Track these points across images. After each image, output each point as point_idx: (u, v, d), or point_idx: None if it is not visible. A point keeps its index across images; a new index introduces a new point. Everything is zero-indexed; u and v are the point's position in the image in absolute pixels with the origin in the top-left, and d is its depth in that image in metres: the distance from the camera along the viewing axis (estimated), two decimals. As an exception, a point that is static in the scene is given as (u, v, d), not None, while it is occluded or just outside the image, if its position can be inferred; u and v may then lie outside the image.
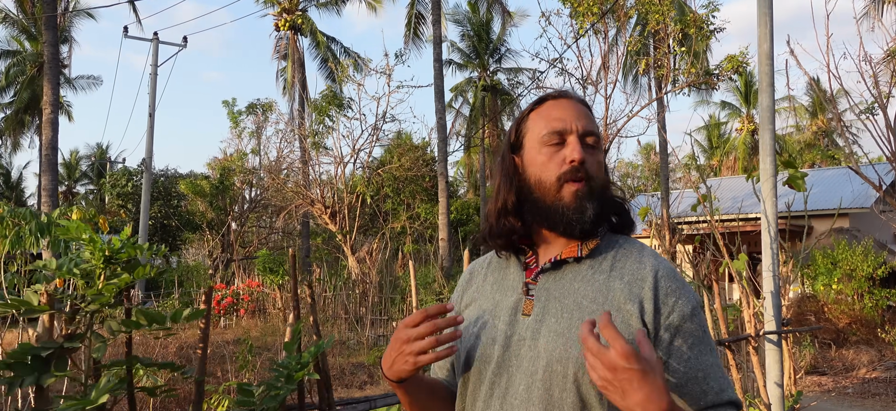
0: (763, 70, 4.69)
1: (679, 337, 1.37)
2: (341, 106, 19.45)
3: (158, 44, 25.23)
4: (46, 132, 14.12)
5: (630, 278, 1.41)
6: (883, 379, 9.85)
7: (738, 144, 44.04)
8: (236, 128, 30.58)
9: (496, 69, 33.30)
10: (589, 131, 1.45)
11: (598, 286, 1.41)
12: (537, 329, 1.41)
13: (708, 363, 1.38)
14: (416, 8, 22.59)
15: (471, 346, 1.51)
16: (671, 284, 1.41)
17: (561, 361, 1.35)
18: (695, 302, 1.42)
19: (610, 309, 1.37)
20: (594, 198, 1.42)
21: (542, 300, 1.44)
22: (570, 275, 1.44)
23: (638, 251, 1.47)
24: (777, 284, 4.44)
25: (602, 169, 1.47)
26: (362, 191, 20.27)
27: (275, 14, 28.81)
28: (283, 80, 29.78)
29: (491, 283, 1.57)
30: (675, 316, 1.37)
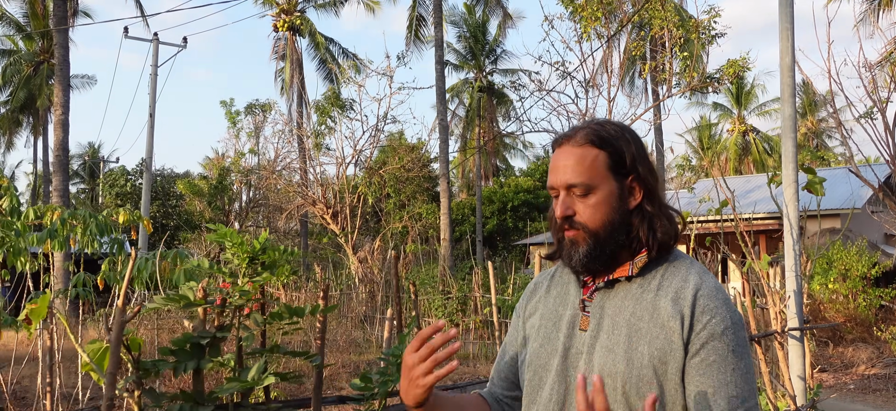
0: (785, 81, 4.95)
1: (702, 352, 1.43)
2: (343, 107, 19.64)
3: (159, 44, 25.32)
4: (57, 133, 14.26)
5: (674, 296, 1.48)
6: (882, 375, 10.16)
7: (729, 145, 44.47)
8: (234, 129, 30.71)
9: (492, 70, 33.57)
10: (572, 184, 1.52)
11: (646, 304, 1.50)
12: (592, 344, 1.51)
13: (723, 381, 1.42)
14: (417, 10, 22.81)
15: (534, 353, 1.62)
16: (709, 302, 1.46)
17: (611, 375, 1.45)
18: (730, 321, 1.46)
19: (654, 326, 1.46)
20: (585, 244, 1.52)
21: (597, 316, 1.54)
22: (622, 294, 1.54)
23: (686, 268, 1.54)
24: (799, 283, 4.71)
25: (599, 210, 1.53)
26: (364, 191, 20.48)
27: (273, 15, 28.95)
28: (281, 81, 29.91)
29: (554, 296, 1.67)
30: (705, 332, 1.44)
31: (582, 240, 1.52)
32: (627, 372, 1.44)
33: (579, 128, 1.60)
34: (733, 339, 1.45)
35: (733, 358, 1.44)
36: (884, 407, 8.67)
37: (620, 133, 1.60)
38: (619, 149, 1.56)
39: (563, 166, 1.54)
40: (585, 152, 1.54)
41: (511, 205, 33.61)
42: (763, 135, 44.65)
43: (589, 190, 1.52)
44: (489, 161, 39.01)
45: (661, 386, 1.43)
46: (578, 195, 1.53)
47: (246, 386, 2.23)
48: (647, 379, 1.43)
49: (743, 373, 1.45)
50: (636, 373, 1.44)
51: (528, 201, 33.82)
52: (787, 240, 4.85)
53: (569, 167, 1.53)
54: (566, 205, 1.53)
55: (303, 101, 28.75)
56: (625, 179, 1.56)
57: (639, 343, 1.46)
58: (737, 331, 1.47)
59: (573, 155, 1.54)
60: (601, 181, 1.53)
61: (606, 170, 1.54)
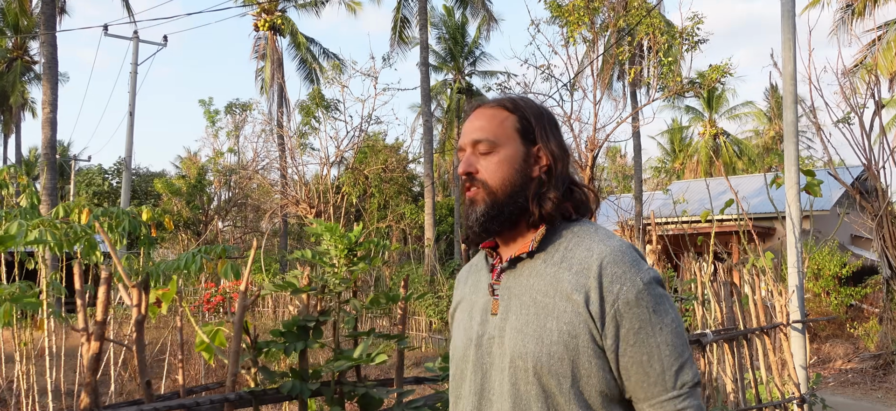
0: (787, 89, 5.28)
1: (625, 323, 1.40)
2: (328, 107, 19.78)
3: (139, 42, 25.22)
4: (45, 131, 14.23)
5: (578, 268, 1.44)
6: (859, 369, 10.61)
7: (700, 148, 45.25)
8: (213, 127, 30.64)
9: (471, 72, 33.88)
10: (477, 139, 1.52)
11: (549, 279, 1.46)
12: (503, 327, 1.48)
13: (654, 344, 1.40)
14: (401, 12, 23.01)
15: (454, 347, 1.61)
16: (616, 270, 1.41)
17: (521, 356, 1.42)
18: (642, 283, 1.42)
19: (560, 300, 1.43)
20: (483, 202, 1.50)
21: (505, 299, 1.51)
22: (527, 271, 1.50)
23: (589, 237, 1.49)
24: (801, 279, 5.04)
25: (500, 168, 1.50)
26: (348, 191, 20.63)
27: (254, 14, 28.93)
28: (261, 80, 29.90)
29: (471, 285, 1.66)
30: (620, 302, 1.39)
31: (480, 199, 1.50)
32: (538, 352, 1.40)
33: (484, 103, 1.60)
34: (650, 299, 1.41)
35: (656, 318, 1.41)
36: (863, 399, 9.09)
37: (534, 106, 1.60)
38: (529, 117, 1.55)
39: (471, 126, 1.55)
40: (496, 112, 1.55)
41: (488, 205, 33.92)
42: (733, 138, 45.51)
43: (493, 146, 1.51)
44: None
45: (573, 363, 1.40)
46: (482, 152, 1.51)
47: (355, 363, 2.45)
48: (559, 355, 1.39)
49: (671, 329, 1.43)
50: (547, 351, 1.40)
51: (504, 202, 34.18)
52: (789, 239, 5.17)
53: (476, 126, 1.53)
54: (469, 162, 1.52)
55: (284, 101, 28.78)
56: (532, 146, 1.54)
57: (547, 320, 1.43)
58: (651, 289, 1.43)
59: (483, 115, 1.55)
60: (507, 140, 1.52)
61: (514, 132, 1.53)
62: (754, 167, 43.51)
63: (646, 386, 1.40)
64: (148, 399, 2.05)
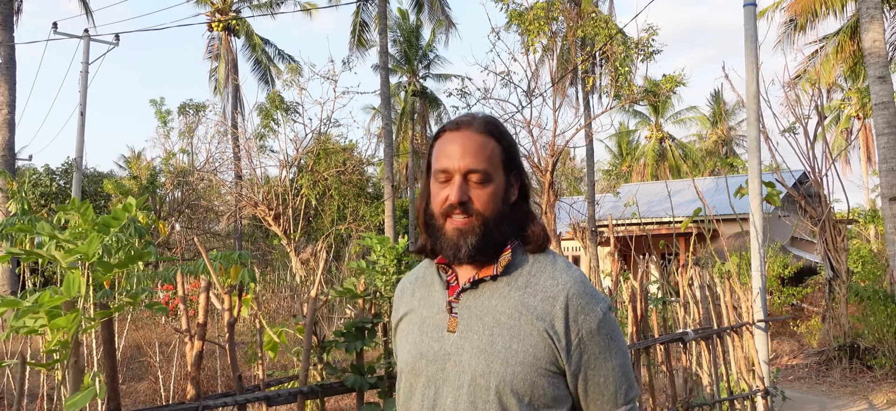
0: (751, 106, 5.76)
1: (587, 350, 1.50)
2: (288, 109, 19.86)
3: (89, 41, 24.81)
4: (3, 133, 14.06)
5: (543, 295, 1.51)
6: (804, 365, 11.29)
7: (647, 151, 46.48)
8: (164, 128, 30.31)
9: (426, 75, 34.23)
10: (473, 169, 1.51)
11: (514, 303, 1.51)
12: (461, 345, 1.51)
13: (610, 368, 1.53)
14: (360, 16, 23.25)
15: (404, 361, 1.62)
16: (581, 301, 1.51)
17: (484, 375, 1.47)
18: (602, 312, 1.53)
19: (525, 324, 1.49)
20: (476, 233, 1.51)
21: (466, 318, 1.53)
22: (488, 293, 1.54)
23: (551, 265, 1.56)
24: (764, 281, 5.52)
25: (493, 200, 1.53)
26: (307, 193, 20.74)
27: (208, 14, 28.73)
28: (214, 81, 29.70)
29: (419, 298, 1.66)
30: (583, 331, 1.50)
31: (472, 229, 1.50)
32: (503, 371, 1.46)
33: (475, 116, 1.59)
34: (608, 329, 1.53)
35: (612, 343, 1.53)
36: (809, 393, 9.72)
37: (505, 130, 1.62)
38: (510, 145, 1.58)
39: (462, 151, 1.51)
40: (485, 141, 1.54)
41: (442, 208, 34.30)
42: (678, 142, 46.88)
43: (488, 178, 1.52)
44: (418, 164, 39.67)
45: (534, 383, 1.47)
46: (476, 182, 1.51)
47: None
48: (522, 376, 1.46)
49: (621, 353, 1.56)
50: (512, 371, 1.46)
51: (458, 204, 34.61)
52: (752, 244, 5.65)
53: (469, 152, 1.51)
54: (463, 191, 1.50)
55: (238, 102, 28.66)
56: (509, 174, 1.58)
57: (512, 341, 1.48)
58: (607, 317, 1.54)
59: (474, 141, 1.53)
60: (496, 172, 1.53)
61: (499, 163, 1.55)
62: (698, 170, 44.96)
63: (600, 404, 1.54)
64: (239, 391, 2.33)
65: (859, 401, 8.95)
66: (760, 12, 16.60)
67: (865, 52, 10.70)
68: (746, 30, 5.77)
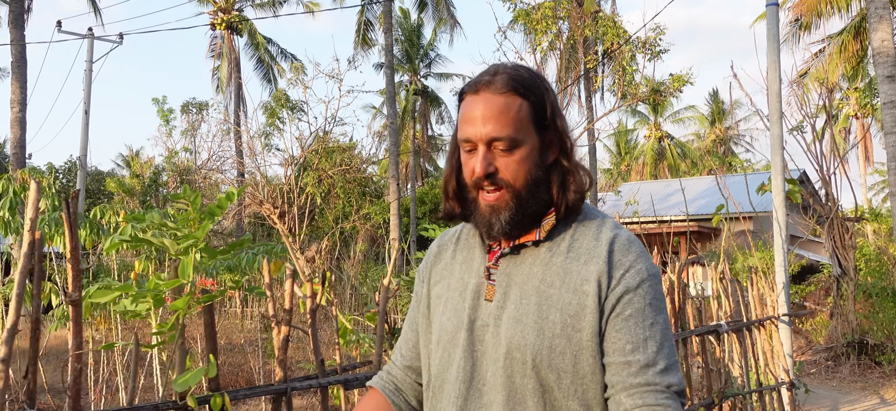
0: (773, 106, 5.87)
1: (619, 305, 1.35)
2: (293, 108, 19.95)
3: (93, 40, 24.85)
4: (14, 131, 14.13)
5: (586, 257, 1.39)
6: (812, 361, 11.42)
7: (646, 150, 46.67)
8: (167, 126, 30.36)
9: (427, 73, 34.33)
10: (497, 137, 1.36)
11: (555, 269, 1.39)
12: (499, 315, 1.40)
13: (641, 336, 1.34)
14: (365, 15, 23.34)
15: (441, 327, 1.50)
16: (623, 257, 1.38)
17: (520, 348, 1.35)
18: (646, 274, 1.38)
19: (566, 292, 1.37)
20: (509, 208, 1.38)
21: (504, 285, 1.42)
22: (530, 260, 1.42)
23: (596, 226, 1.44)
24: (787, 276, 5.63)
25: (524, 167, 1.39)
26: (313, 191, 20.83)
27: (211, 12, 28.79)
28: (217, 80, 29.75)
29: (459, 262, 1.54)
30: (620, 286, 1.36)
31: (504, 204, 1.38)
32: (538, 344, 1.34)
33: (496, 72, 1.41)
34: (650, 292, 1.38)
35: (651, 311, 1.36)
36: (820, 388, 9.85)
37: (539, 80, 1.45)
38: (541, 99, 1.41)
39: (482, 116, 1.37)
40: (509, 101, 1.38)
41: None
42: (677, 141, 47.06)
43: (514, 144, 1.37)
44: (419, 163, 39.79)
45: (575, 357, 1.34)
46: (502, 150, 1.37)
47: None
48: (560, 349, 1.34)
49: (662, 330, 1.38)
50: (548, 344, 1.34)
51: (451, 199, 34.74)
52: (776, 240, 5.76)
53: (490, 118, 1.36)
54: (488, 161, 1.37)
55: (241, 101, 28.72)
56: (545, 132, 1.42)
57: (549, 311, 1.36)
58: (654, 284, 1.39)
59: (495, 104, 1.37)
60: (526, 134, 1.38)
61: (529, 122, 1.39)
62: (696, 169, 45.17)
63: (624, 375, 1.33)
64: (321, 374, 2.43)
65: (870, 396, 9.07)
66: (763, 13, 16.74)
67: (874, 52, 10.82)
68: (769, 29, 5.89)
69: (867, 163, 38.94)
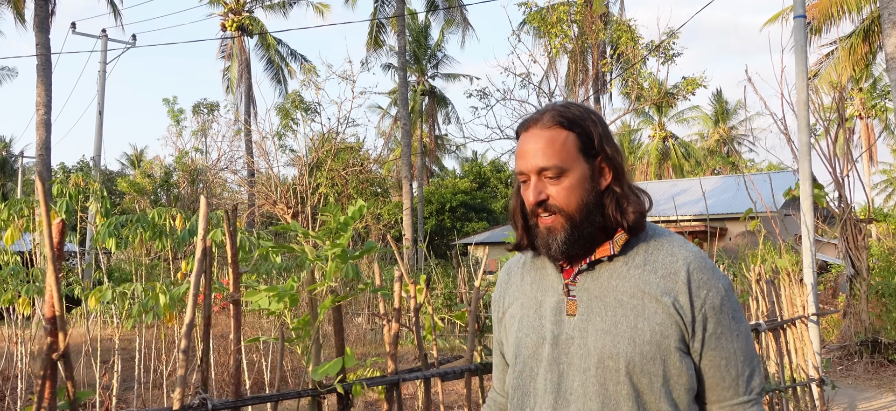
0: (801, 114, 6.12)
1: (709, 327, 1.48)
2: (307, 109, 20.20)
3: (107, 41, 25.08)
4: (40, 133, 14.36)
5: (664, 272, 1.50)
6: (826, 359, 11.66)
7: (650, 150, 46.91)
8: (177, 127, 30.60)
9: (434, 74, 34.60)
10: (544, 167, 1.49)
11: (635, 281, 1.50)
12: (584, 328, 1.50)
13: (731, 351, 1.50)
14: (377, 17, 23.60)
15: (519, 344, 1.60)
16: (703, 276, 1.49)
17: (612, 357, 1.45)
18: (725, 291, 1.52)
19: (649, 302, 1.48)
20: (564, 229, 1.49)
21: (585, 300, 1.52)
22: (607, 274, 1.53)
23: (668, 243, 1.55)
24: (815, 277, 5.88)
25: (574, 193, 1.50)
26: (325, 191, 21.08)
27: (221, 14, 29.03)
28: (227, 80, 30.01)
29: (530, 283, 1.65)
30: (707, 306, 1.48)
31: (559, 226, 1.50)
32: (631, 352, 1.44)
33: (545, 110, 1.56)
34: (731, 307, 1.52)
35: (735, 324, 1.51)
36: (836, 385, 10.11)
37: (586, 114, 1.57)
38: (587, 130, 1.52)
39: (532, 150, 1.51)
40: (554, 134, 1.51)
41: (449, 206, 34.69)
42: (681, 141, 47.28)
43: (561, 172, 1.49)
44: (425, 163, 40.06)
45: (664, 362, 1.46)
46: (550, 178, 1.50)
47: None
48: (651, 356, 1.45)
49: (745, 336, 1.54)
50: (640, 351, 1.44)
51: (465, 202, 35.00)
52: (804, 242, 6.01)
53: (539, 150, 1.50)
54: (539, 190, 1.51)
55: (251, 101, 28.96)
56: (594, 160, 1.53)
57: (637, 321, 1.47)
58: (731, 297, 1.53)
59: (542, 138, 1.51)
60: (573, 163, 1.50)
61: (577, 152, 1.51)
62: (700, 169, 45.44)
63: (720, 390, 1.51)
64: (424, 366, 2.69)
65: (886, 393, 9.32)
66: (775, 15, 16.94)
67: (888, 57, 11.06)
68: (796, 40, 6.13)
69: (871, 163, 39.17)
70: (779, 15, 17.29)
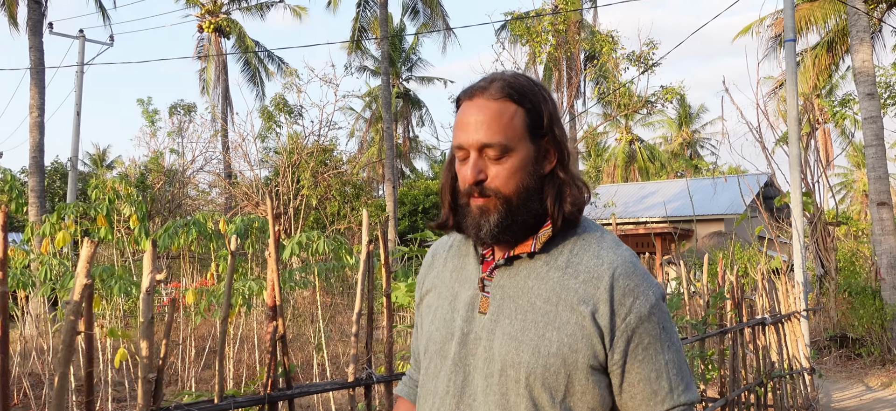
0: (792, 129, 6.74)
1: (635, 338, 1.34)
2: (291, 113, 20.50)
3: (85, 42, 25.02)
4: (33, 135, 14.48)
5: (585, 276, 1.35)
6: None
7: (617, 153, 47.89)
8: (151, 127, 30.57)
9: (408, 77, 35.05)
10: (488, 144, 1.34)
11: (552, 285, 1.36)
12: (492, 329, 1.38)
13: (662, 362, 1.36)
14: (359, 22, 23.96)
15: (430, 337, 1.48)
16: (629, 283, 1.35)
17: (514, 366, 1.33)
18: (654, 298, 1.37)
19: (563, 310, 1.34)
20: (498, 212, 1.35)
21: (498, 299, 1.39)
22: (525, 272, 1.39)
23: (596, 243, 1.40)
24: (806, 277, 6.50)
25: (515, 176, 1.36)
26: (308, 193, 21.39)
27: (198, 15, 29.10)
28: (202, 81, 30.07)
29: (451, 270, 1.52)
30: (632, 317, 1.34)
31: (493, 207, 1.36)
32: (533, 363, 1.32)
33: (493, 79, 1.40)
34: (660, 315, 1.37)
35: (665, 335, 1.37)
36: (808, 378, 10.84)
37: (537, 88, 1.43)
38: (538, 106, 1.39)
39: (475, 122, 1.35)
40: (502, 108, 1.36)
41: (422, 207, 35.14)
42: (647, 144, 48.37)
43: (505, 151, 1.35)
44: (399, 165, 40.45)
45: (570, 377, 1.32)
46: (492, 157, 1.36)
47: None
48: (555, 369, 1.31)
49: (677, 348, 1.40)
50: (543, 363, 1.31)
51: (437, 203, 35.52)
52: (795, 245, 6.63)
53: (483, 124, 1.35)
54: (478, 169, 1.36)
55: (228, 103, 29.08)
56: (541, 141, 1.39)
57: (546, 329, 1.33)
58: (660, 304, 1.38)
59: (488, 110, 1.36)
60: (518, 142, 1.36)
61: (523, 130, 1.36)
62: (665, 172, 46.54)
63: (652, 405, 1.36)
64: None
65: (856, 384, 10.04)
66: (746, 27, 17.77)
67: (856, 71, 11.84)
68: (787, 63, 6.74)
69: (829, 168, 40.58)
70: (749, 27, 18.11)
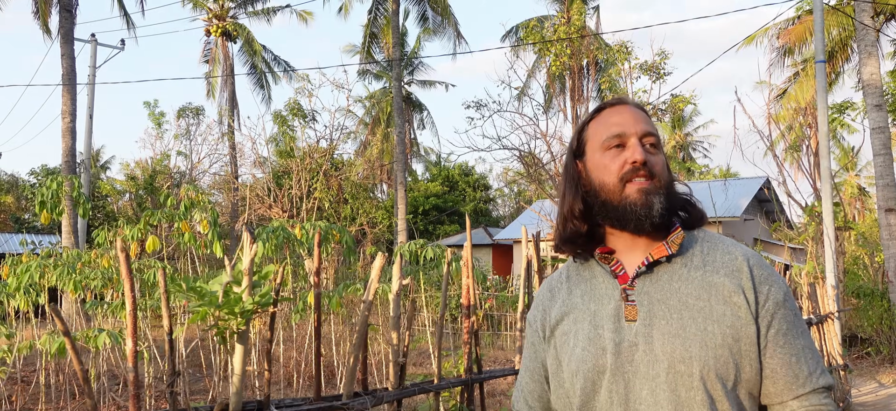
0: (823, 144, 7.28)
1: (774, 324, 1.41)
2: (305, 117, 20.91)
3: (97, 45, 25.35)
4: (65, 140, 14.83)
5: (725, 271, 1.42)
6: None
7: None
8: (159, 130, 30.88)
9: (410, 80, 35.48)
10: (648, 133, 1.47)
11: (698, 283, 1.42)
12: (648, 333, 1.41)
13: (799, 346, 1.42)
14: (371, 28, 24.38)
15: (579, 359, 1.48)
16: (763, 272, 1.44)
17: (684, 361, 1.36)
18: (785, 287, 1.46)
19: (716, 303, 1.40)
20: (661, 194, 1.43)
21: (646, 304, 1.43)
22: (667, 276, 1.45)
23: (719, 241, 1.49)
24: (837, 280, 7.05)
25: (665, 168, 1.47)
26: (321, 196, 21.81)
27: (205, 19, 29.43)
28: (208, 85, 30.39)
29: (579, 295, 1.55)
30: (770, 303, 1.41)
31: (658, 190, 1.44)
32: (704, 355, 1.36)
33: (624, 100, 1.57)
34: (792, 303, 1.47)
35: (798, 320, 1.45)
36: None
37: None
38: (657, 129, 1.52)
39: (634, 117, 1.49)
40: (647, 117, 1.53)
41: (422, 209, 35.61)
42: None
43: (658, 145, 1.48)
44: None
45: (737, 366, 1.38)
46: (651, 146, 1.47)
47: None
48: (724, 359, 1.36)
49: (808, 334, 1.47)
50: (713, 355, 1.36)
51: (437, 205, 36.01)
52: (827, 249, 7.17)
53: (642, 118, 1.50)
54: (643, 152, 1.45)
55: (235, 106, 29.43)
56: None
57: (707, 323, 1.38)
58: (790, 294, 1.47)
59: (638, 112, 1.52)
60: (661, 144, 1.49)
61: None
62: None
63: (795, 387, 1.41)
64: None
65: (869, 381, 10.63)
66: (750, 37, 18.39)
67: (864, 84, 12.44)
68: (818, 82, 7.28)
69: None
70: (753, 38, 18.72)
